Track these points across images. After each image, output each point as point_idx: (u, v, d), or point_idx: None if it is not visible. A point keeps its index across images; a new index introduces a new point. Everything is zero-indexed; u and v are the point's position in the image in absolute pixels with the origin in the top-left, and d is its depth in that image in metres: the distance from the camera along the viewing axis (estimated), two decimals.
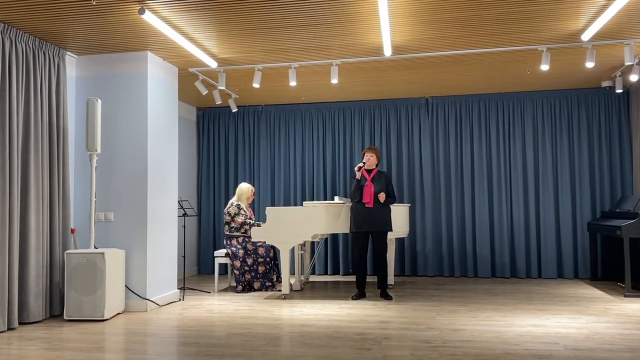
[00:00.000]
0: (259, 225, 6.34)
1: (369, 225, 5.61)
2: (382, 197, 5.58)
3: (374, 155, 5.79)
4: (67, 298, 4.81)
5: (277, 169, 7.94)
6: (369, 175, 5.73)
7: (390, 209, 5.75)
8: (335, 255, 7.79)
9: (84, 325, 4.61)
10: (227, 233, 6.48)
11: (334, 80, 5.72)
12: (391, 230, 5.74)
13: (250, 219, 6.54)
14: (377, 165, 5.84)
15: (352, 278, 7.28)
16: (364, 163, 5.75)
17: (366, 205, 5.62)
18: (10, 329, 4.42)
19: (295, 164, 7.91)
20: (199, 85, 6.11)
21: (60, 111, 5.10)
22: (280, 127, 8.00)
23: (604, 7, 4.33)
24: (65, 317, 4.81)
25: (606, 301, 5.42)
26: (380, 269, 5.73)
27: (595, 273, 6.81)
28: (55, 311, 4.97)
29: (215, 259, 6.43)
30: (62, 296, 5.01)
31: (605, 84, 6.89)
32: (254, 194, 6.71)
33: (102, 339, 4.14)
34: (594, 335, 4.05)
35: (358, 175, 5.71)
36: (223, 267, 7.76)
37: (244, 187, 6.64)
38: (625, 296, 5.63)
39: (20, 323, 4.60)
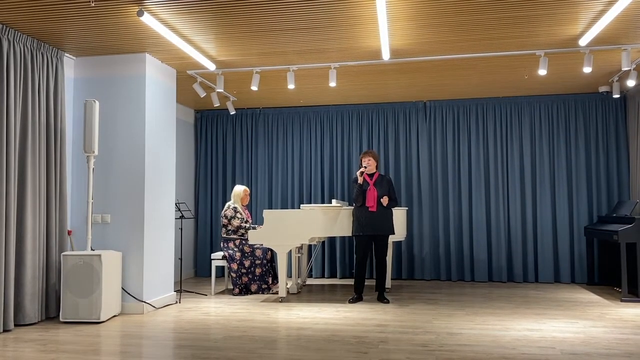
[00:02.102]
0: (254, 229, 6.33)
1: (372, 228, 5.61)
2: (385, 200, 5.58)
3: (372, 158, 5.79)
4: (63, 300, 4.80)
5: (275, 172, 7.93)
6: (371, 179, 5.73)
7: (392, 212, 5.75)
8: (332, 258, 7.78)
9: (80, 328, 4.60)
10: (224, 236, 6.47)
11: (332, 84, 5.73)
12: (393, 234, 5.75)
13: (247, 221, 6.53)
14: (377, 168, 5.84)
15: (349, 281, 7.28)
16: (365, 167, 5.75)
17: (370, 210, 5.62)
18: (5, 330, 4.40)
19: (293, 167, 7.91)
20: (197, 87, 6.11)
21: (58, 112, 5.09)
22: (278, 130, 8.00)
23: (601, 13, 4.35)
24: (61, 319, 4.80)
25: (603, 306, 5.43)
26: (379, 272, 5.73)
27: (592, 278, 6.82)
28: (51, 313, 4.95)
29: (212, 261, 6.42)
30: (58, 298, 5.00)
31: (602, 89, 6.91)
32: (248, 194, 6.69)
33: (97, 341, 4.12)
34: (591, 340, 4.05)
35: (360, 180, 5.71)
36: (220, 269, 7.75)
37: (237, 189, 6.64)
38: (621, 301, 5.63)
39: (15, 325, 4.58)
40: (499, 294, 6.23)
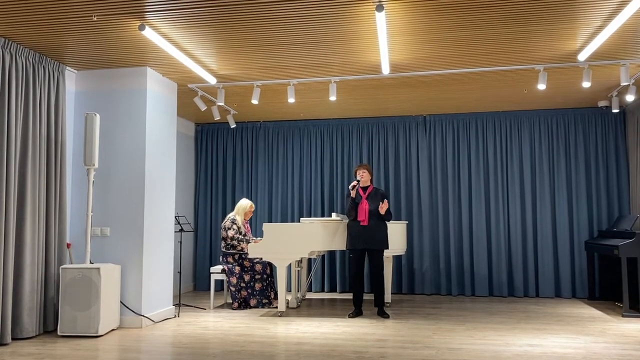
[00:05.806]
0: (247, 242, 6.33)
1: (364, 242, 5.59)
2: (383, 208, 5.54)
3: (366, 171, 5.79)
4: (61, 313, 4.77)
5: (275, 185, 7.93)
6: (364, 193, 5.72)
7: (386, 226, 5.73)
8: (332, 272, 7.76)
9: (78, 341, 4.56)
10: (224, 250, 6.44)
11: (333, 98, 5.75)
12: (387, 248, 5.71)
13: (244, 235, 6.48)
14: (371, 181, 5.84)
15: (349, 296, 7.24)
16: (358, 181, 5.75)
17: (361, 224, 5.61)
18: (2, 344, 4.37)
19: (293, 180, 7.91)
20: (197, 101, 6.14)
21: (59, 125, 5.10)
22: (278, 144, 8.02)
23: (600, 28, 4.38)
24: (59, 333, 4.76)
25: (604, 321, 5.40)
26: (376, 286, 5.70)
27: (593, 292, 6.79)
28: (49, 327, 4.92)
29: (212, 275, 6.39)
30: (57, 311, 4.97)
31: (601, 103, 6.94)
32: (252, 211, 6.68)
33: (95, 355, 4.09)
34: (592, 355, 4.02)
35: (353, 193, 5.70)
36: (219, 283, 7.72)
37: (244, 203, 6.62)
38: (623, 316, 5.60)
39: (13, 338, 4.55)
40: (499, 308, 6.20)
